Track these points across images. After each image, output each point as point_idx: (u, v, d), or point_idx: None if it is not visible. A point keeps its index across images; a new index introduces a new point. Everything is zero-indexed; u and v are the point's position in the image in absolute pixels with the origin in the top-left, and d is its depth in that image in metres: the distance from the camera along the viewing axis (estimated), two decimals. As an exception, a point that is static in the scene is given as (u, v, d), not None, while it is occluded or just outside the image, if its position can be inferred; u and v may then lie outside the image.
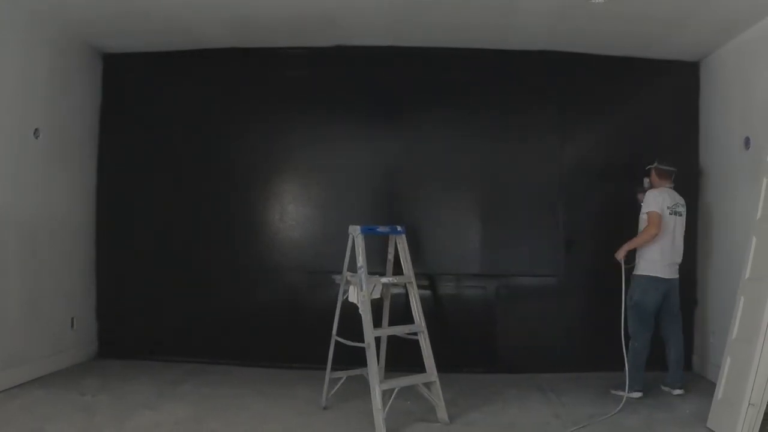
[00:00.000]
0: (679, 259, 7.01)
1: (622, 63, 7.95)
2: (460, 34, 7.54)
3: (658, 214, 6.82)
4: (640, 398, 6.68)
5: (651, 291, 6.83)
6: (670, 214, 6.91)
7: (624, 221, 7.21)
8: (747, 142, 6.84)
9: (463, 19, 7.07)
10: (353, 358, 6.23)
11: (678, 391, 6.85)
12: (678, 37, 7.25)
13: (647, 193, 7.01)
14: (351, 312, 6.10)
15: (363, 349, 5.83)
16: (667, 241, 6.88)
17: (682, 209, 7.03)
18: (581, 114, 8.09)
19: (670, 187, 7.06)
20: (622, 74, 8.01)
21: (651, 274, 6.84)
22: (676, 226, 6.95)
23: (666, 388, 6.94)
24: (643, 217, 6.94)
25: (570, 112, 8.05)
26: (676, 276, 6.98)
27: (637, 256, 6.95)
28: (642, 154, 7.73)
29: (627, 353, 6.78)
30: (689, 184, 7.84)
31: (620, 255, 6.94)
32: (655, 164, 7.16)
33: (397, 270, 6.48)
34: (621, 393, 6.62)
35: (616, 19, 6.81)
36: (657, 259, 6.85)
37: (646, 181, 7.25)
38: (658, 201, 6.89)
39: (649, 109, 7.99)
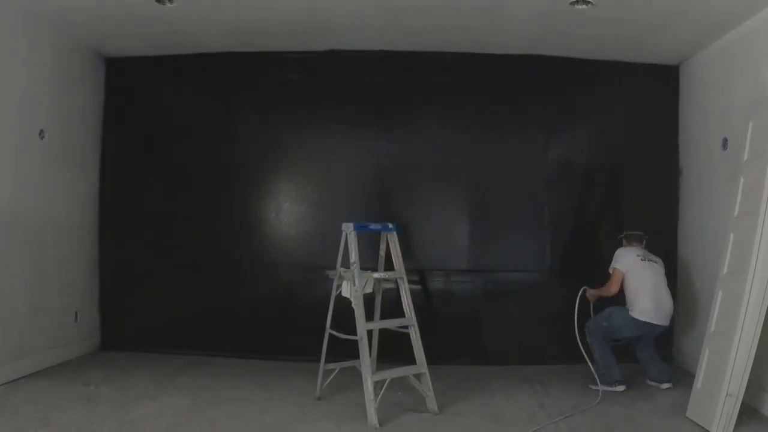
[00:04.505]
0: (671, 306, 6.82)
1: (604, 66, 7.94)
2: (448, 39, 7.53)
3: (620, 272, 6.81)
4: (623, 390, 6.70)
5: (631, 328, 6.74)
6: (642, 260, 6.85)
7: (607, 219, 7.19)
8: (725, 142, 6.83)
9: (452, 25, 7.05)
10: (346, 351, 6.21)
11: (666, 385, 6.82)
12: (659, 42, 7.24)
13: (616, 252, 6.98)
14: (344, 306, 6.08)
15: (356, 342, 5.83)
16: (652, 288, 6.75)
17: (656, 259, 6.94)
18: (565, 116, 8.07)
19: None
20: (605, 77, 8.00)
21: (641, 319, 6.67)
22: (657, 273, 6.85)
23: (653, 383, 6.91)
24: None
25: (554, 113, 8.02)
26: (667, 324, 6.82)
27: (628, 300, 6.83)
28: (624, 153, 7.81)
29: (590, 351, 6.88)
30: (670, 184, 7.87)
31: (592, 298, 7.05)
32: (624, 233, 7.18)
33: (389, 266, 6.47)
34: (596, 387, 6.62)
35: (599, 24, 6.79)
36: (650, 308, 6.69)
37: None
38: (624, 257, 6.88)
39: (631, 111, 7.99)
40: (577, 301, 7.01)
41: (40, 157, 7.07)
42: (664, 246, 7.80)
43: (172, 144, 8.21)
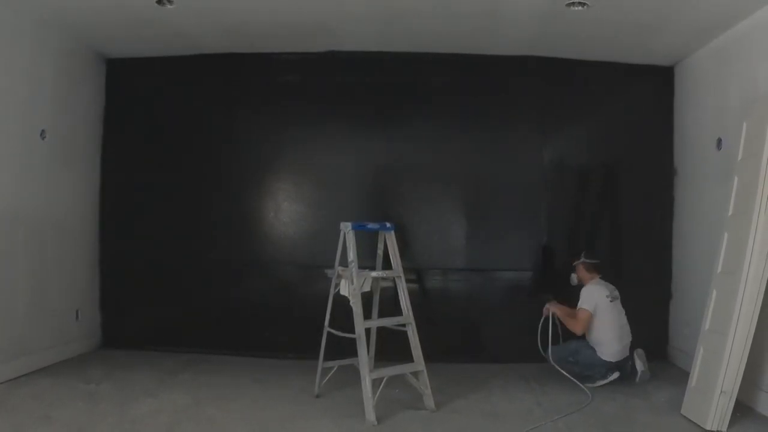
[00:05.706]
0: (630, 338, 6.93)
1: (600, 67, 7.92)
2: (447, 40, 7.51)
3: (589, 314, 6.81)
4: (618, 386, 6.69)
5: (601, 367, 6.78)
6: (611, 301, 6.87)
7: (603, 218, 7.18)
8: (719, 142, 6.83)
9: (450, 26, 7.04)
10: (344, 349, 6.22)
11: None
12: (654, 43, 7.23)
13: (583, 290, 6.97)
14: (342, 305, 6.07)
15: (354, 340, 5.82)
16: (617, 327, 6.83)
17: (617, 293, 6.98)
18: (561, 116, 8.06)
19: (599, 278, 7.07)
20: (601, 78, 7.99)
21: (607, 360, 6.76)
22: (620, 311, 6.91)
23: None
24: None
25: (550, 114, 8.02)
26: (628, 353, 6.88)
27: (592, 338, 6.88)
28: (619, 154, 7.80)
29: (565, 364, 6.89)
30: (665, 183, 7.87)
31: (551, 313, 7.05)
32: (582, 259, 7.16)
33: (386, 264, 6.44)
34: (590, 385, 6.64)
35: (594, 26, 6.79)
36: (616, 349, 6.78)
37: (573, 277, 7.24)
38: (593, 297, 6.87)
39: (626, 112, 7.98)
40: (541, 323, 7.09)
41: (42, 158, 7.07)
42: (659, 245, 7.83)
43: (172, 144, 8.20)
